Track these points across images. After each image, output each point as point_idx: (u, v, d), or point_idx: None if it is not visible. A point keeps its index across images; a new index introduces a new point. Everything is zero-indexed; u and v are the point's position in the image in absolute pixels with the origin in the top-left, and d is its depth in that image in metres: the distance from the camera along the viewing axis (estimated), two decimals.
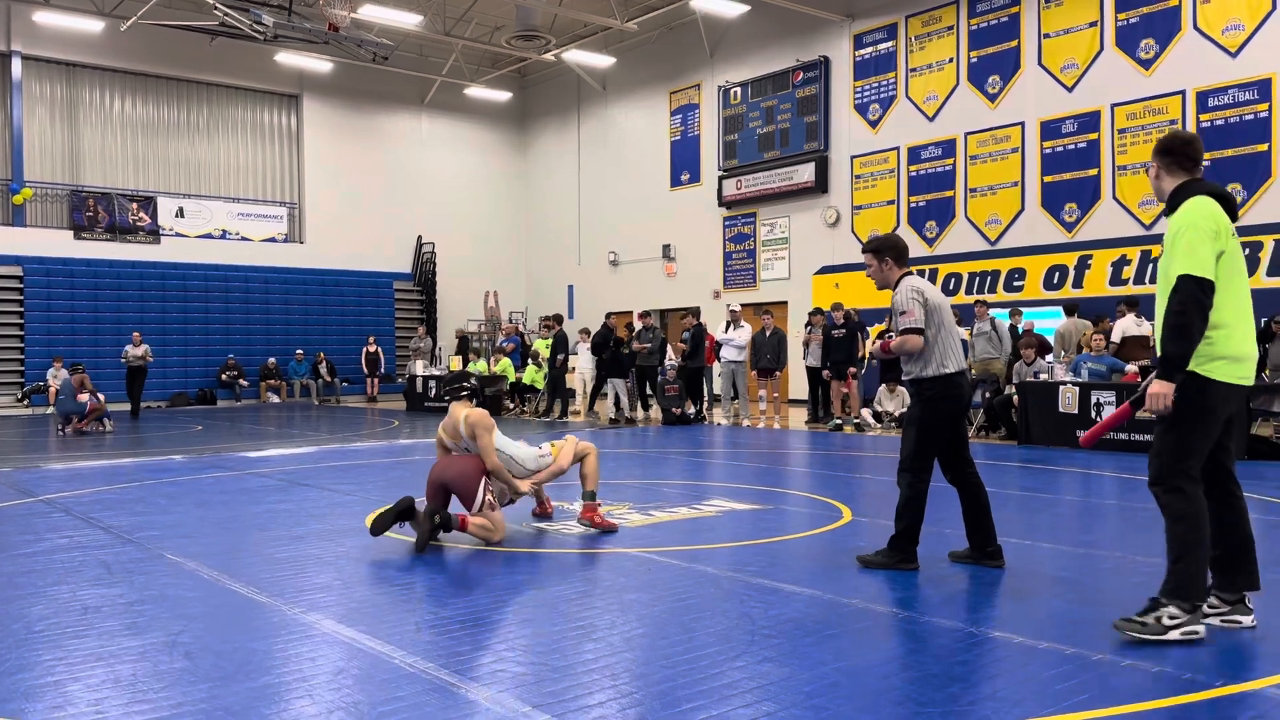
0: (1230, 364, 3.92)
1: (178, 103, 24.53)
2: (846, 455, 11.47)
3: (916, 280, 5.41)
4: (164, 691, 3.45)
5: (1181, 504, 3.90)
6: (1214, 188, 4.09)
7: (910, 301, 5.26)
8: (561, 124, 27.78)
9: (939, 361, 5.26)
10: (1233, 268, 3.96)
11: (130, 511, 7.52)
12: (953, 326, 5.38)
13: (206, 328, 23.92)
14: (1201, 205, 3.97)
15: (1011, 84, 17.52)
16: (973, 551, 5.34)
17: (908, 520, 5.25)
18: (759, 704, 3.27)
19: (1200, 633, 3.86)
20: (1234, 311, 3.94)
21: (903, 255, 5.55)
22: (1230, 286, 3.94)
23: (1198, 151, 4.16)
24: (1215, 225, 3.91)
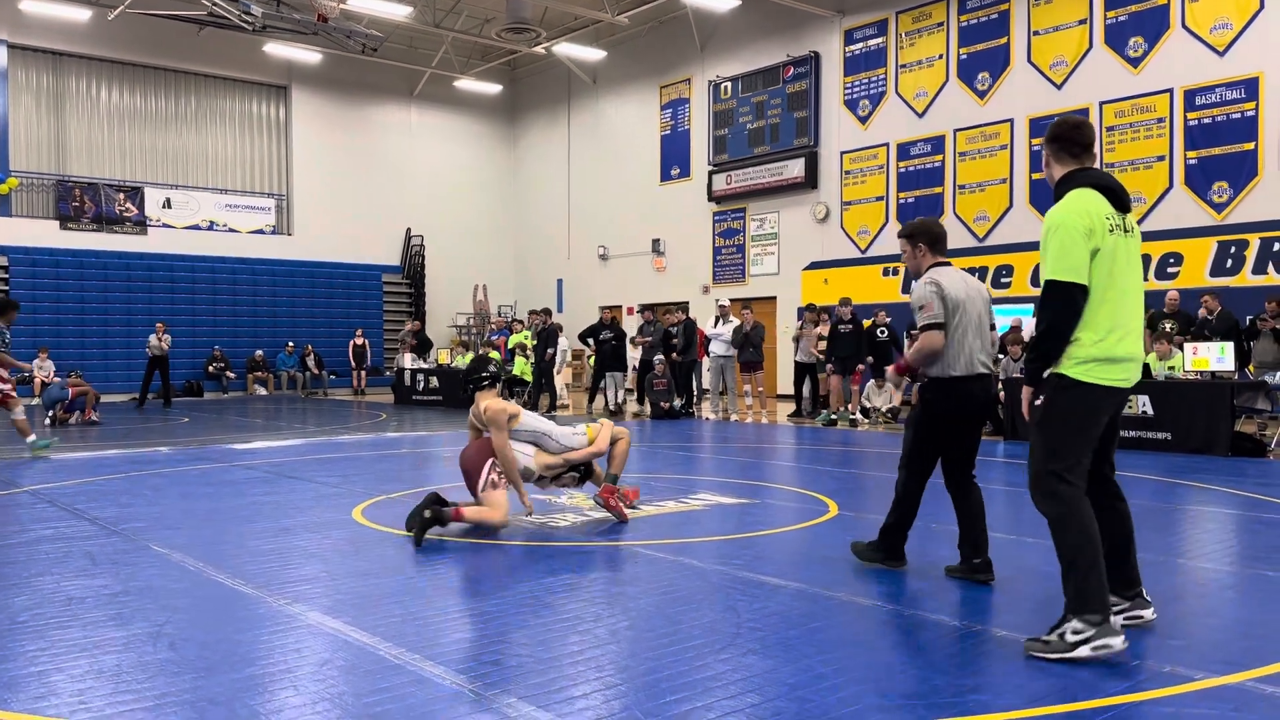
0: (1102, 366, 3.73)
1: (165, 93, 24.40)
2: (834, 450, 11.50)
3: (939, 271, 4.97)
4: (148, 682, 3.44)
5: (1056, 508, 3.75)
6: (1099, 177, 3.87)
7: (928, 295, 4.85)
8: (552, 117, 27.74)
9: (945, 363, 4.86)
10: (1112, 266, 3.73)
11: (116, 503, 7.49)
12: (976, 327, 4.92)
13: (193, 319, 23.83)
14: (1077, 200, 3.76)
15: (1001, 81, 17.57)
16: (961, 564, 5.01)
17: (896, 516, 5.12)
18: (743, 695, 3.29)
19: (1115, 645, 3.58)
20: (1110, 312, 3.74)
21: (938, 242, 5.13)
22: (1108, 286, 3.73)
23: (1086, 137, 3.94)
24: (1089, 222, 3.70)
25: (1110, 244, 3.73)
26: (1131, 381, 3.85)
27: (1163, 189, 15.53)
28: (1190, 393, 10.70)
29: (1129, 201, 3.90)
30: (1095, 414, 3.81)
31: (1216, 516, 7.05)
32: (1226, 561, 5.46)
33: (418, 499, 7.60)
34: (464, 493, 6.58)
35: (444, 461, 10.57)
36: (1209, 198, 15.03)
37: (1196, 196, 15.17)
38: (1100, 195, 3.80)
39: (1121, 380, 3.80)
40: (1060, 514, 3.74)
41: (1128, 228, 3.85)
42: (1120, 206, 3.83)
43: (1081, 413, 3.78)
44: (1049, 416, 3.82)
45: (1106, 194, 3.81)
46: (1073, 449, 3.79)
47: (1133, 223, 3.91)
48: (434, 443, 12.48)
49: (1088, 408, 3.78)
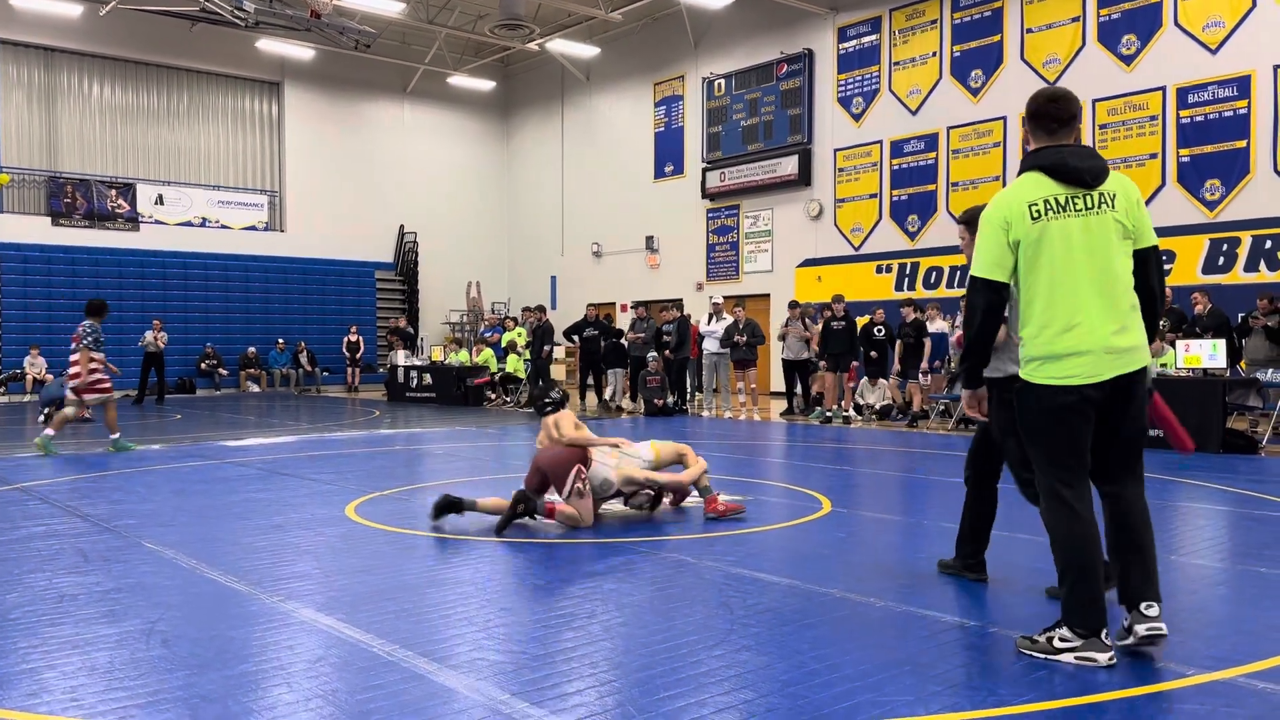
0: (1047, 364, 3.53)
1: (158, 89, 24.32)
2: (826, 447, 11.51)
3: None
4: (140, 679, 3.43)
5: (1048, 517, 3.66)
6: (1049, 156, 3.59)
7: None
8: (545, 114, 27.71)
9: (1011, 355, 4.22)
10: (1037, 255, 3.52)
11: (108, 500, 7.47)
12: None
13: (186, 316, 23.76)
14: (1007, 190, 3.61)
15: (994, 78, 17.60)
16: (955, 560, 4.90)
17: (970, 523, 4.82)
18: (737, 692, 3.29)
19: (1100, 660, 3.48)
20: (1044, 305, 3.53)
21: None
22: (1036, 276, 3.53)
23: (1062, 111, 3.64)
24: (1005, 213, 3.54)
25: (1035, 232, 3.51)
26: (1092, 377, 3.51)
27: (1155, 186, 15.56)
28: (1182, 390, 10.73)
29: (1089, 175, 3.54)
30: (1060, 416, 3.56)
31: (1208, 513, 7.07)
32: (1219, 558, 5.48)
33: (411, 496, 7.61)
34: (471, 489, 6.56)
35: (438, 458, 10.56)
36: (1201, 195, 15.07)
37: (1189, 194, 15.21)
38: (1043, 177, 3.57)
39: (1072, 377, 3.51)
40: (1051, 525, 3.66)
41: (1089, 205, 3.53)
42: (1076, 183, 3.53)
43: (1045, 417, 3.59)
44: (1022, 425, 3.70)
45: (1053, 173, 3.55)
46: (1057, 457, 3.61)
47: (1106, 194, 3.56)
48: (427, 440, 12.47)
49: (1047, 410, 3.58)
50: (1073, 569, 3.57)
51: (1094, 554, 3.57)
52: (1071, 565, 3.58)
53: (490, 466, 9.85)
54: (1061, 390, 3.53)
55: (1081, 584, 3.55)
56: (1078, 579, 3.56)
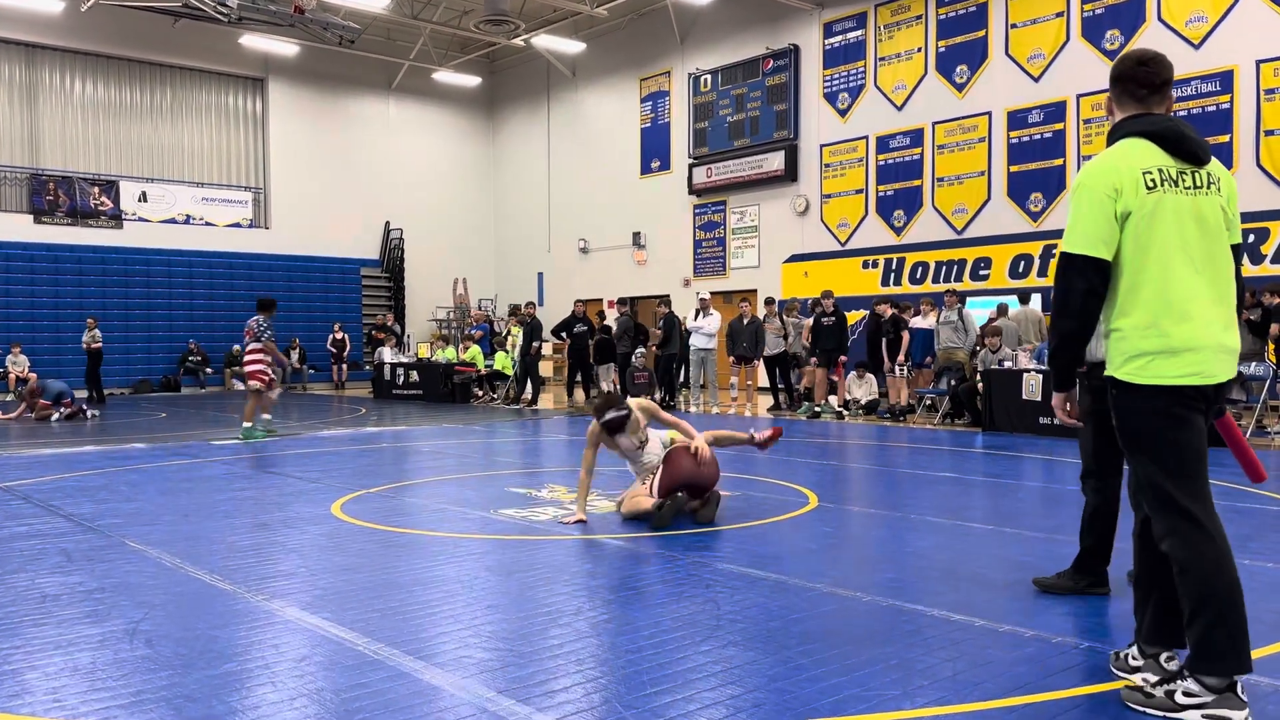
0: (1158, 360, 3.03)
1: (140, 85, 24.15)
2: (814, 442, 11.53)
3: None
4: (123, 679, 3.41)
5: (1172, 543, 3.02)
6: (1154, 123, 3.16)
7: None
8: (531, 110, 27.65)
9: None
10: (1151, 231, 3.04)
11: (92, 499, 7.42)
12: None
13: (170, 314, 23.65)
14: (1111, 154, 3.15)
15: (979, 74, 17.64)
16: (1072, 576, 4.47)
17: (1094, 536, 4.38)
18: (724, 687, 3.29)
19: (1235, 718, 2.88)
20: (1157, 290, 3.04)
21: None
22: (1153, 256, 3.04)
23: (1154, 75, 3.25)
24: (1115, 180, 3.06)
25: (1150, 204, 3.04)
26: (1209, 377, 3.05)
27: None
28: None
29: (1201, 150, 3.13)
30: (1177, 419, 3.04)
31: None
32: None
33: (398, 494, 7.59)
34: (459, 487, 6.53)
35: (425, 456, 10.54)
36: None
37: None
38: (1150, 144, 3.13)
39: (1190, 375, 3.02)
40: (1177, 555, 3.00)
41: (1197, 184, 3.11)
42: (1186, 157, 3.12)
43: (1158, 420, 3.05)
44: (1128, 432, 3.14)
45: (1162, 142, 3.13)
46: (1175, 469, 3.03)
47: (1213, 176, 3.16)
48: (413, 437, 12.44)
49: (1160, 413, 3.04)
50: (1209, 604, 2.91)
51: (1233, 581, 2.94)
52: (1207, 599, 2.91)
53: (478, 464, 9.82)
54: (1177, 391, 3.03)
55: (1219, 623, 2.89)
56: (1216, 617, 2.89)
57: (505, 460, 10.19)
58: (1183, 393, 3.02)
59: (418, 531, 6.08)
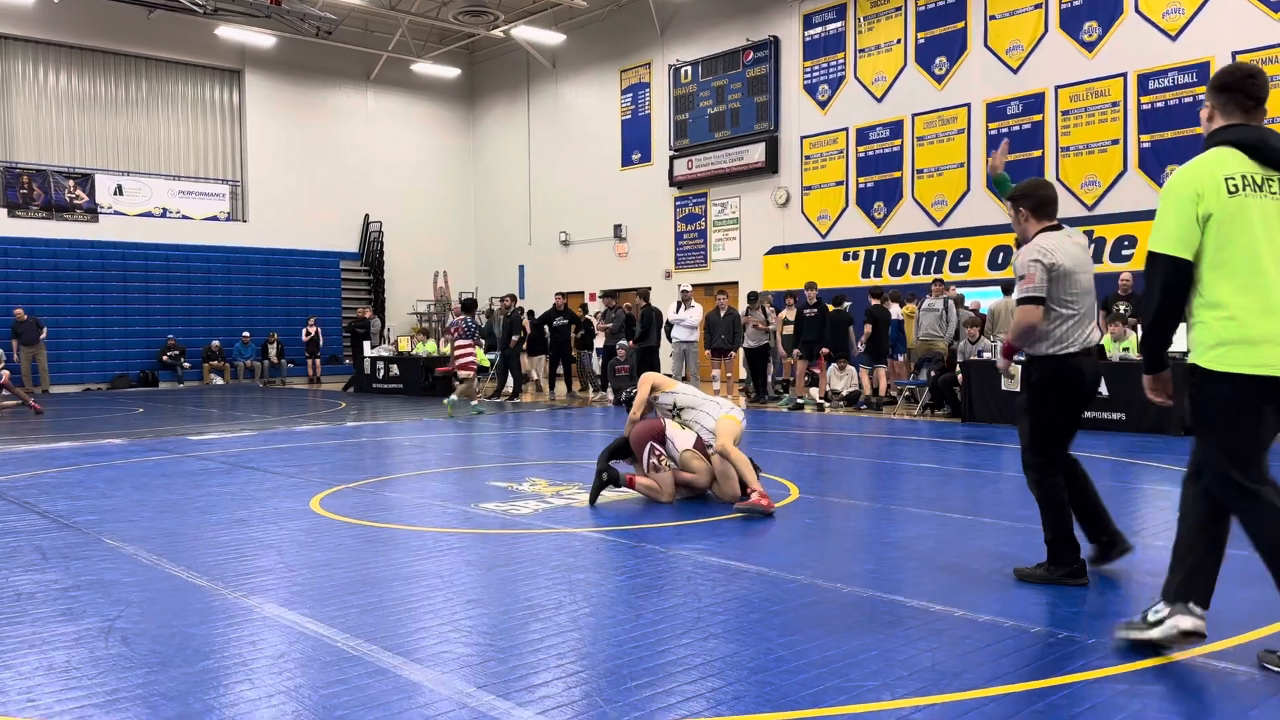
0: (1237, 349, 3.26)
1: (115, 77, 23.88)
2: (794, 434, 11.55)
3: (1049, 238, 4.45)
4: (98, 678, 3.37)
5: (1247, 521, 3.33)
6: (1244, 133, 3.37)
7: (1031, 265, 4.36)
8: (511, 102, 27.52)
9: (1057, 338, 4.41)
10: (1231, 231, 3.27)
11: (68, 496, 7.34)
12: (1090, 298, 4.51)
13: (148, 308, 23.43)
14: (1198, 162, 3.38)
15: (958, 65, 17.68)
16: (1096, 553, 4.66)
17: (1053, 525, 4.46)
18: (704, 680, 3.29)
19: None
20: (1239, 285, 3.26)
21: (1043, 206, 4.57)
22: (1238, 254, 3.27)
23: (1259, 89, 3.41)
24: (1197, 186, 3.30)
25: (1232, 207, 3.27)
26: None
27: (1117, 172, 15.72)
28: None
29: None
30: (1248, 409, 3.29)
31: (1170, 495, 7.16)
32: None
33: (377, 489, 7.55)
34: (440, 481, 6.52)
35: (404, 450, 10.49)
36: (1162, 181, 15.22)
37: (1150, 180, 15.38)
38: (1237, 153, 3.34)
39: (1263, 366, 3.25)
40: (1251, 528, 3.33)
41: None
42: (1270, 164, 3.34)
43: (1231, 410, 3.30)
44: (1199, 418, 3.41)
45: (1249, 150, 3.34)
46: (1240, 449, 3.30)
47: None
48: (393, 431, 12.38)
49: (1233, 401, 3.29)
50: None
51: None
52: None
53: (459, 458, 9.79)
54: (1256, 382, 3.26)
55: None
56: None
57: (486, 454, 10.15)
58: (1257, 382, 3.25)
59: (397, 526, 6.05)
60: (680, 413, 6.93)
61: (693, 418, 6.86)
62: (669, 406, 6.99)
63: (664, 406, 7.03)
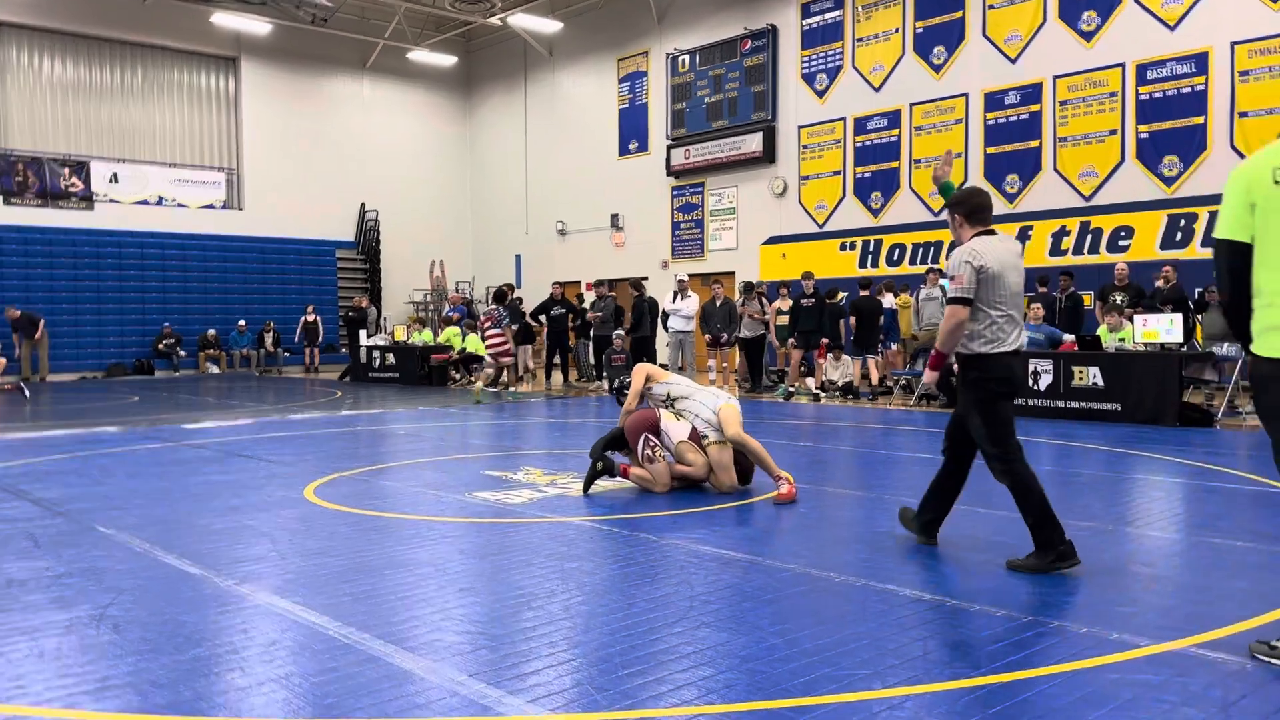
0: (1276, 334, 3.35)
1: (110, 65, 23.76)
2: (789, 424, 11.55)
3: (980, 241, 4.67)
4: (89, 665, 3.36)
5: None
6: None
7: (961, 265, 4.58)
8: (508, 90, 27.44)
9: (989, 337, 4.60)
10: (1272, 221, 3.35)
11: (61, 483, 7.33)
12: (1016, 298, 4.71)
13: (143, 296, 23.37)
14: (1253, 154, 3.50)
15: (956, 55, 17.64)
16: (919, 525, 5.03)
17: (1030, 513, 4.55)
18: (696, 669, 3.28)
19: None
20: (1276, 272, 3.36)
21: (976, 213, 4.80)
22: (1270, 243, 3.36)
23: None
24: (1248, 175, 3.41)
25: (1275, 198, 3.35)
26: None
27: (1114, 163, 15.70)
28: (1140, 364, 10.87)
29: None
30: None
31: (1164, 485, 7.17)
32: (1173, 529, 5.55)
33: (372, 477, 7.55)
34: (435, 470, 6.51)
35: (399, 439, 10.48)
36: (1159, 171, 15.23)
37: (1147, 170, 15.36)
38: None
39: None
40: None
41: None
42: None
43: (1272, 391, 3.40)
44: (1260, 407, 3.49)
45: None
46: None
47: None
48: (389, 420, 12.37)
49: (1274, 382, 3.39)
50: None
51: None
52: None
53: (453, 447, 9.78)
54: None
55: None
56: None
57: (480, 443, 10.14)
58: None
59: (391, 515, 6.05)
60: (674, 403, 6.92)
61: (686, 407, 6.85)
62: (663, 397, 6.98)
63: (658, 397, 7.02)
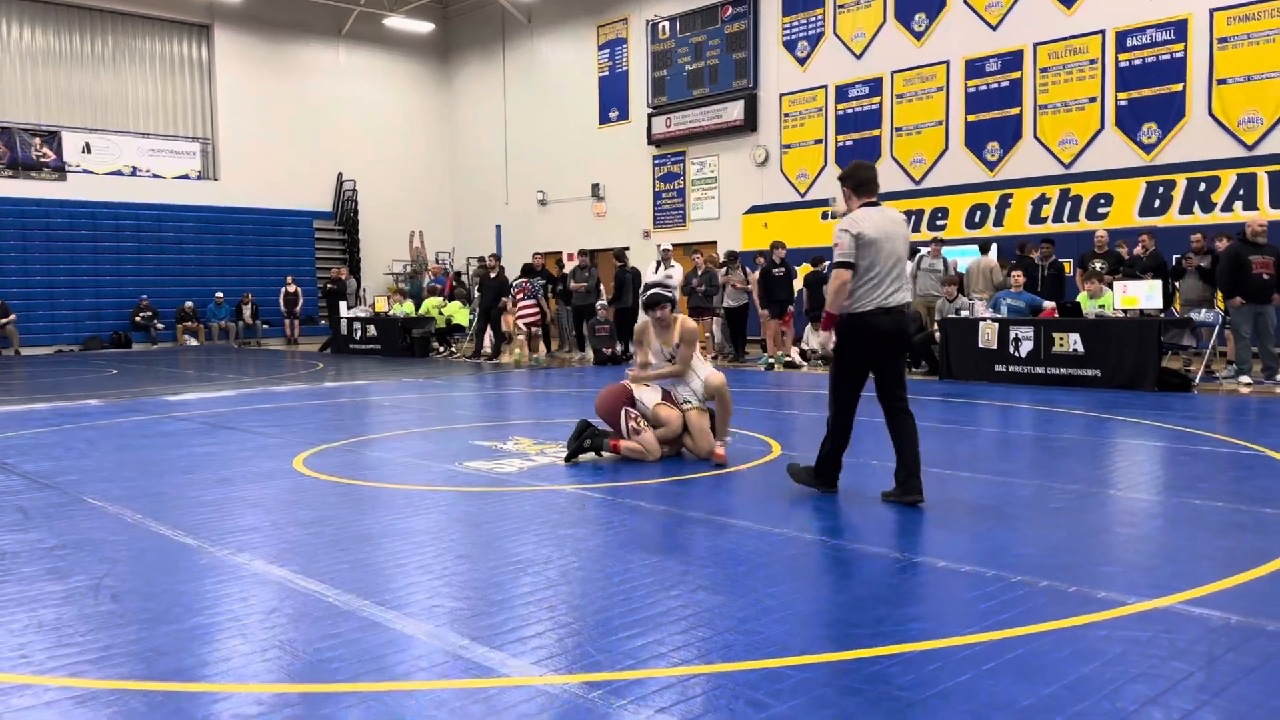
0: None
1: (80, 32, 23.35)
2: (773, 392, 11.62)
3: (860, 212, 5.19)
4: (90, 635, 3.38)
5: None
6: None
7: (841, 234, 5.14)
8: (486, 58, 27.17)
9: (858, 298, 5.16)
10: None
11: (47, 456, 7.29)
12: (891, 265, 5.15)
13: (119, 268, 23.15)
14: None
15: (937, 22, 17.60)
16: (895, 489, 5.28)
17: (827, 445, 5.41)
18: (694, 630, 3.33)
19: None
20: None
21: (862, 185, 5.29)
22: None
23: None
24: None
25: None
26: None
27: (1094, 130, 15.77)
28: (1119, 330, 10.99)
29: None
30: None
31: (1145, 449, 7.29)
32: (1155, 492, 5.65)
33: (360, 448, 7.55)
34: (421, 440, 6.52)
35: (385, 410, 10.47)
36: (1138, 139, 15.31)
37: (1126, 137, 15.44)
38: None
39: None
40: None
41: None
42: None
43: None
44: None
45: None
46: None
47: None
48: (373, 392, 12.35)
49: None
50: None
51: None
52: None
53: (441, 418, 9.78)
54: None
55: None
56: None
57: (468, 414, 10.15)
58: None
59: (383, 485, 6.06)
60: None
61: None
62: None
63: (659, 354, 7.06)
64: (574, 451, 6.67)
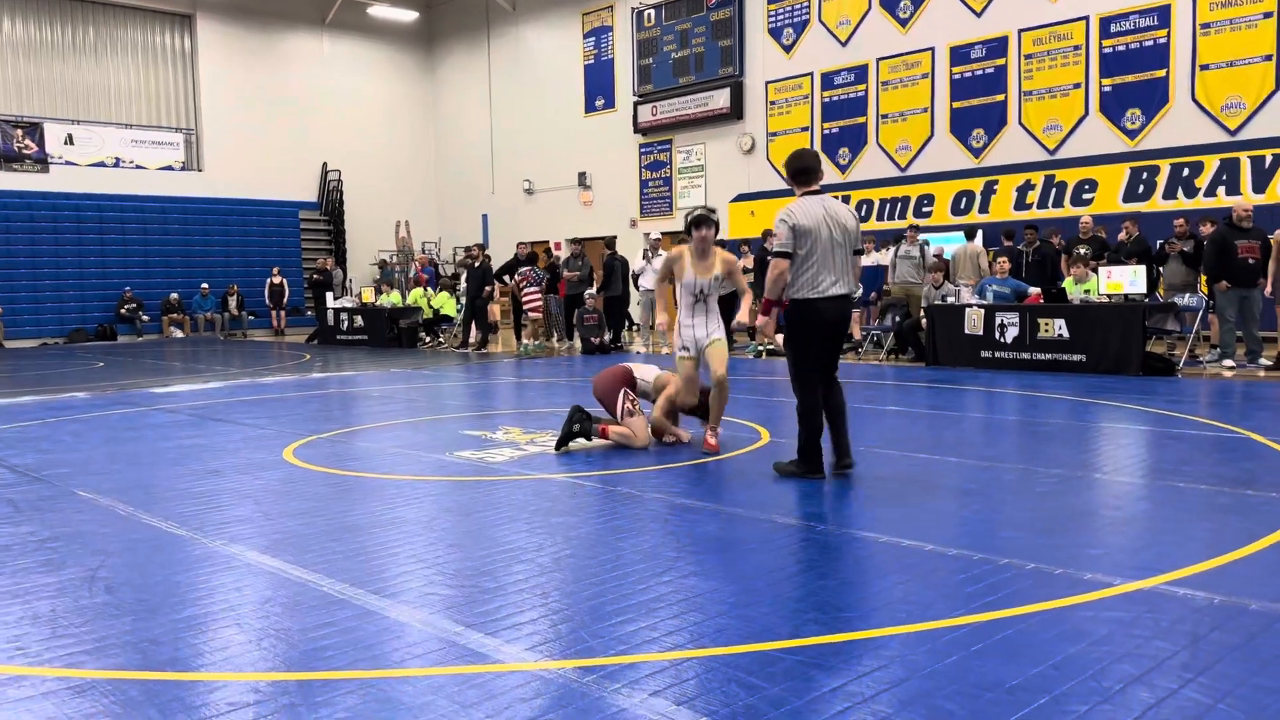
0: None
1: (61, 22, 23.13)
2: (761, 380, 11.66)
3: (797, 202, 5.36)
4: (86, 626, 3.39)
5: None
6: None
7: (779, 225, 5.30)
8: (470, 46, 27.06)
9: (793, 286, 5.32)
10: None
11: (35, 449, 7.28)
12: (828, 253, 5.29)
13: (103, 260, 23.01)
14: None
15: (922, 8, 17.62)
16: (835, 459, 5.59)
17: (804, 433, 5.52)
18: (686, 614, 3.37)
19: None
20: None
21: (800, 174, 5.46)
22: None
23: None
24: None
25: None
26: None
27: (1079, 116, 15.84)
28: (1104, 315, 11.07)
29: None
30: None
31: (1129, 433, 7.36)
32: (1140, 475, 5.72)
33: (350, 439, 7.56)
34: (411, 431, 6.53)
35: (374, 400, 10.47)
36: (1122, 125, 15.38)
37: (1110, 123, 15.51)
38: None
39: None
40: None
41: None
42: None
43: None
44: None
45: None
46: None
47: None
48: (361, 382, 12.34)
49: None
50: None
51: None
52: None
53: (429, 408, 9.79)
54: None
55: None
56: None
57: (456, 404, 10.16)
58: None
59: (374, 475, 6.08)
60: None
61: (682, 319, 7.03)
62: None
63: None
64: (564, 438, 6.69)
